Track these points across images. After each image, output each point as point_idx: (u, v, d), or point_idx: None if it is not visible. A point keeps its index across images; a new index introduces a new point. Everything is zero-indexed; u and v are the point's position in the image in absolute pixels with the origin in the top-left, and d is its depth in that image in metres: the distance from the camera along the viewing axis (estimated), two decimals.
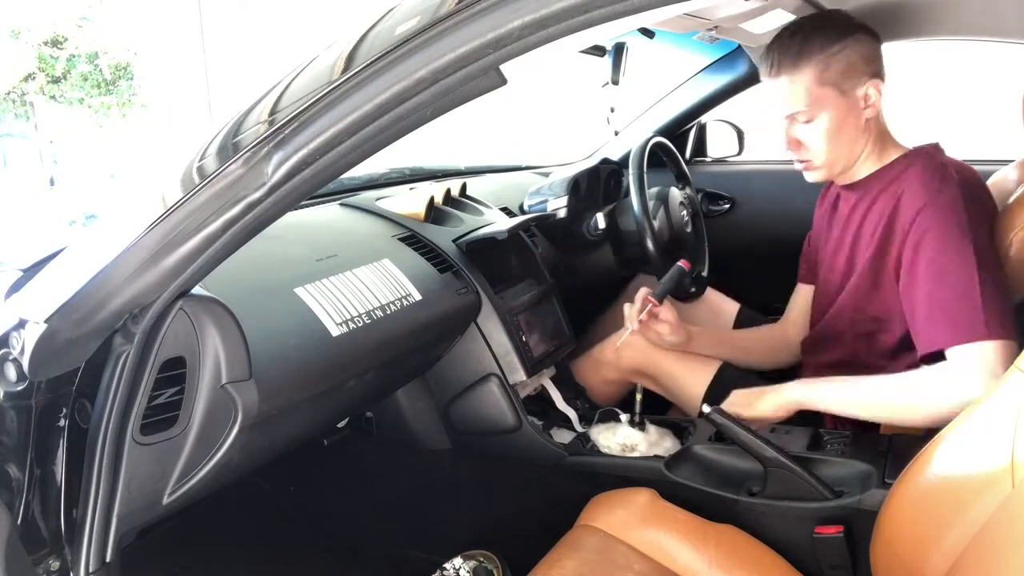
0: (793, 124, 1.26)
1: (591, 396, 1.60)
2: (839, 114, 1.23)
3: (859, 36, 1.21)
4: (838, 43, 1.20)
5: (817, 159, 1.27)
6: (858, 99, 1.23)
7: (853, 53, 1.21)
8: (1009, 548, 0.68)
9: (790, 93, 1.23)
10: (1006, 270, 1.18)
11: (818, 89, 1.21)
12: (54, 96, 8.85)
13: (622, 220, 1.76)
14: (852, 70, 1.21)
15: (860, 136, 1.26)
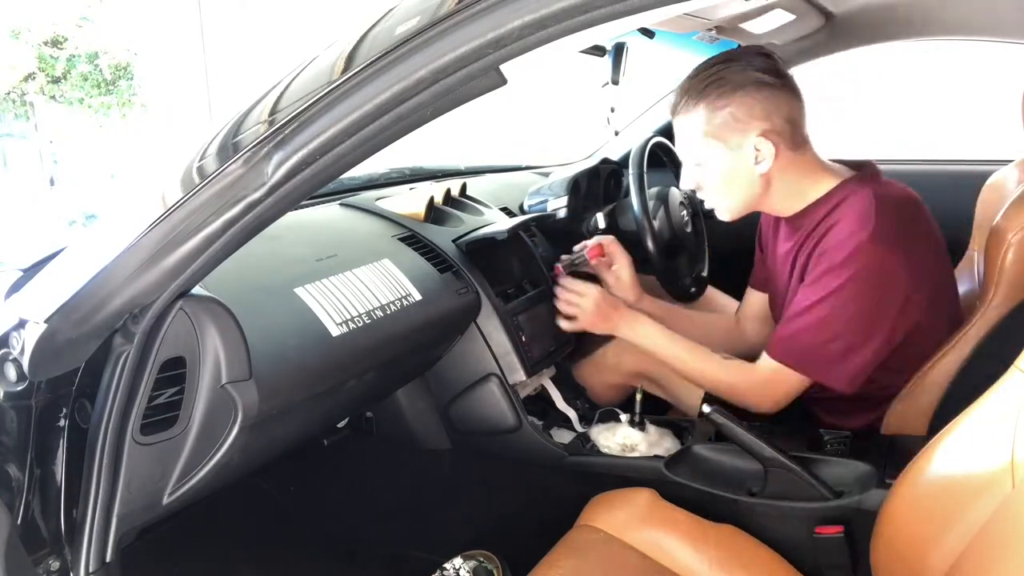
0: (690, 166, 1.29)
1: (591, 397, 1.60)
2: (726, 166, 1.24)
3: (750, 92, 1.19)
4: (725, 98, 1.19)
5: (715, 203, 1.31)
6: (746, 154, 1.22)
7: (740, 108, 1.19)
8: (1009, 548, 0.68)
9: (682, 137, 1.27)
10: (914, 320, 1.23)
11: (702, 139, 1.23)
12: (54, 96, 8.85)
13: (622, 220, 1.76)
14: (737, 125, 1.20)
15: (757, 186, 1.25)
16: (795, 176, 1.26)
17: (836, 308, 1.19)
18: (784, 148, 1.22)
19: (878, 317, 1.20)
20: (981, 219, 1.54)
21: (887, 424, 1.31)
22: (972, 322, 1.23)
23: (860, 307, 1.18)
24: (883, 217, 1.17)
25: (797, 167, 1.26)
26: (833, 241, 1.20)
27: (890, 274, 1.18)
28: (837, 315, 1.19)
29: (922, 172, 2.08)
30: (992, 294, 1.22)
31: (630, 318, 1.42)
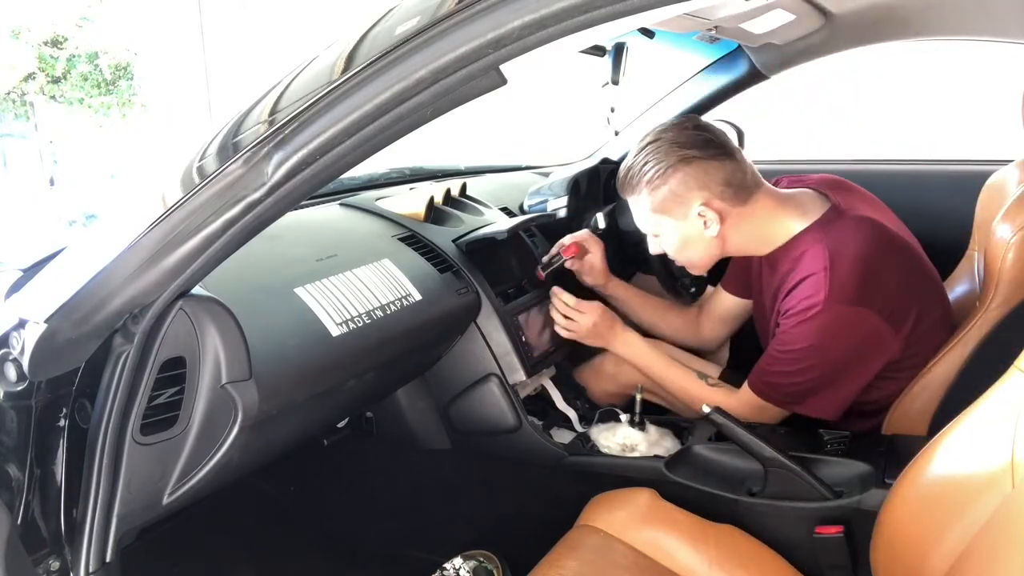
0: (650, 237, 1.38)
1: (591, 398, 1.60)
2: (679, 235, 1.32)
3: (681, 169, 1.26)
4: (661, 177, 1.27)
5: (682, 262, 1.39)
6: (693, 222, 1.29)
7: (677, 183, 1.27)
8: (1009, 548, 0.68)
9: (635, 214, 1.36)
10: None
11: (650, 216, 1.32)
12: (54, 96, 8.85)
13: (622, 220, 1.76)
14: (677, 199, 1.28)
15: (712, 247, 1.32)
16: (752, 225, 1.31)
17: (806, 356, 1.24)
18: (730, 206, 1.28)
19: (851, 363, 1.25)
20: (981, 219, 1.54)
21: (887, 424, 1.31)
22: (972, 322, 1.23)
23: (830, 359, 1.23)
24: (837, 274, 1.20)
25: (751, 217, 1.31)
26: (794, 302, 1.24)
27: (853, 326, 1.22)
28: (809, 363, 1.24)
29: (922, 172, 2.08)
30: (992, 294, 1.22)
31: (625, 337, 1.47)
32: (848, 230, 1.27)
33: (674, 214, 1.29)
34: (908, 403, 1.28)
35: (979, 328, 1.23)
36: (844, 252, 1.23)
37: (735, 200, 1.28)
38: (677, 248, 1.35)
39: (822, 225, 1.28)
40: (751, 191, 1.30)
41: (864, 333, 1.23)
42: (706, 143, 1.29)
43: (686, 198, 1.27)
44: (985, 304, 1.23)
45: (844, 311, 1.21)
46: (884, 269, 1.25)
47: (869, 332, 1.22)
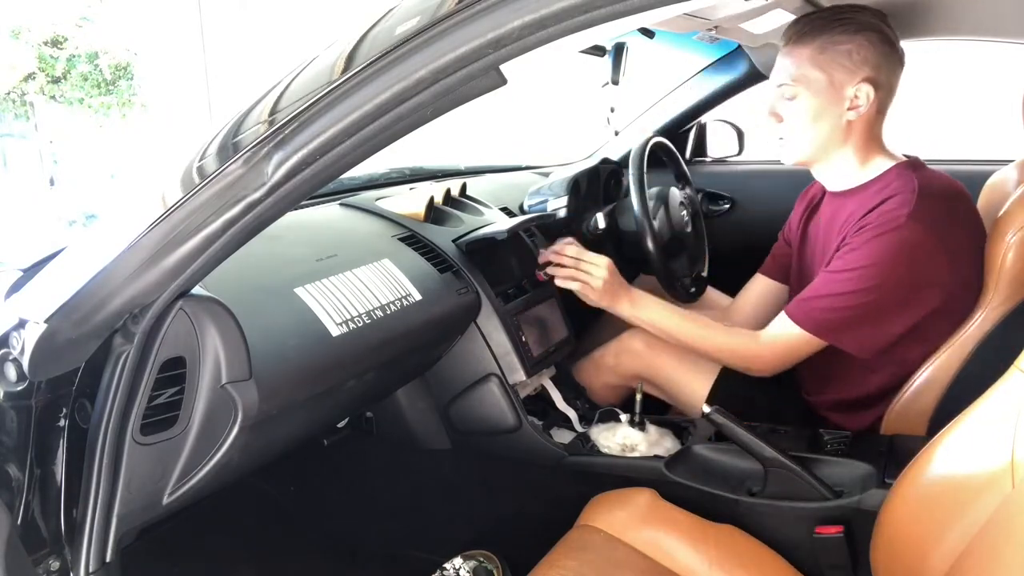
0: (778, 97, 1.29)
1: (591, 397, 1.60)
2: (820, 102, 1.24)
3: (872, 39, 1.21)
4: (846, 35, 1.21)
5: (789, 138, 1.30)
6: (844, 96, 1.23)
7: (856, 50, 1.21)
8: (1009, 548, 0.68)
9: (785, 64, 1.27)
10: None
11: (808, 69, 1.23)
12: (54, 96, 8.85)
13: (622, 220, 1.76)
14: (848, 64, 1.21)
15: (838, 134, 1.26)
16: (866, 141, 1.28)
17: (869, 276, 1.19)
18: (875, 105, 1.24)
19: (906, 293, 1.21)
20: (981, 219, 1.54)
21: (887, 424, 1.31)
22: (972, 322, 1.24)
23: (890, 282, 1.19)
24: (924, 200, 1.19)
25: (872, 133, 1.28)
26: (874, 216, 1.21)
27: (925, 253, 1.19)
28: (868, 283, 1.20)
29: None
30: (992, 294, 1.22)
31: (635, 296, 1.40)
32: (935, 175, 1.27)
33: (832, 78, 1.22)
34: (908, 403, 1.28)
35: (979, 328, 1.23)
36: (933, 185, 1.22)
37: (882, 104, 1.25)
38: (805, 117, 1.25)
39: (908, 166, 1.27)
40: (885, 113, 1.28)
41: (931, 267, 1.20)
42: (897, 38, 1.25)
43: (856, 70, 1.21)
44: (985, 304, 1.23)
45: (923, 233, 1.17)
46: (962, 218, 1.25)
47: (935, 267, 1.20)
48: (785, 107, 1.28)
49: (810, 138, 1.28)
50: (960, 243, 1.23)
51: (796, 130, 1.28)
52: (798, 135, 1.28)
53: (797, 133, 1.28)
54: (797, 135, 1.29)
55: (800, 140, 1.29)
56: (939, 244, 1.19)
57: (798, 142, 1.29)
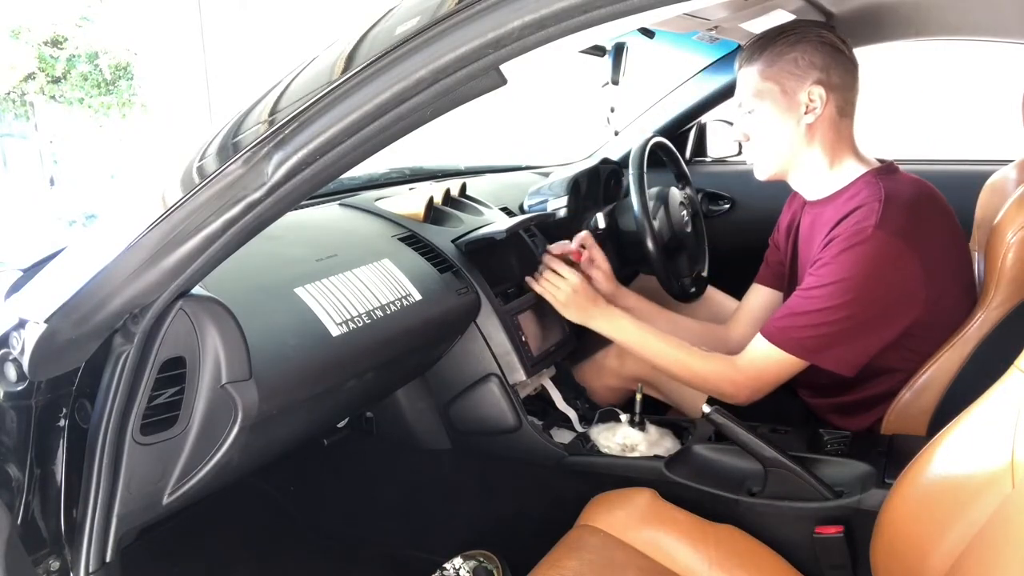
0: (742, 117, 1.33)
1: (592, 397, 1.60)
2: (777, 111, 1.28)
3: (817, 43, 1.25)
4: (789, 45, 1.26)
5: (757, 153, 1.34)
6: (798, 101, 1.26)
7: (801, 56, 1.25)
8: (1009, 548, 0.68)
9: (742, 84, 1.32)
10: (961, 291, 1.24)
11: (760, 83, 1.28)
12: (54, 96, 8.85)
13: (622, 220, 1.76)
14: (796, 71, 1.25)
15: (800, 139, 1.28)
16: (833, 144, 1.29)
17: (842, 291, 1.19)
18: (832, 104, 1.26)
19: (883, 306, 1.20)
20: (981, 219, 1.54)
21: (887, 424, 1.31)
22: (972, 322, 1.24)
23: (865, 296, 1.19)
24: (889, 208, 1.19)
25: (837, 135, 1.29)
26: (841, 229, 1.21)
27: (895, 262, 1.18)
28: (843, 299, 1.19)
29: (922, 172, 2.06)
30: (992, 294, 1.22)
31: (608, 312, 1.41)
32: (906, 181, 1.28)
33: (784, 86, 1.26)
34: (908, 403, 1.28)
35: (979, 328, 1.23)
36: (900, 193, 1.22)
37: (840, 105, 1.27)
38: (766, 129, 1.30)
39: (879, 172, 1.28)
40: (849, 113, 1.29)
41: (903, 276, 1.19)
42: (843, 41, 1.28)
43: (805, 73, 1.25)
44: (985, 304, 1.23)
45: (891, 242, 1.17)
46: (933, 223, 1.24)
47: (907, 276, 1.19)
48: (748, 124, 1.32)
49: (774, 148, 1.31)
50: (933, 249, 1.22)
51: (761, 143, 1.32)
52: (763, 148, 1.32)
53: (762, 146, 1.32)
54: (762, 148, 1.33)
55: (766, 152, 1.33)
56: (909, 252, 1.18)
57: (765, 154, 1.33)
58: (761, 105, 1.29)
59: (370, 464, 1.59)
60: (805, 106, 1.26)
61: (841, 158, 1.30)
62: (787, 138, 1.29)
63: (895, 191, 1.22)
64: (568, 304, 1.42)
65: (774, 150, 1.32)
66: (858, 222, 1.19)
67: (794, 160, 1.32)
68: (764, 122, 1.30)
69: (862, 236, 1.18)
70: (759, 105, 1.30)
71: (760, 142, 1.32)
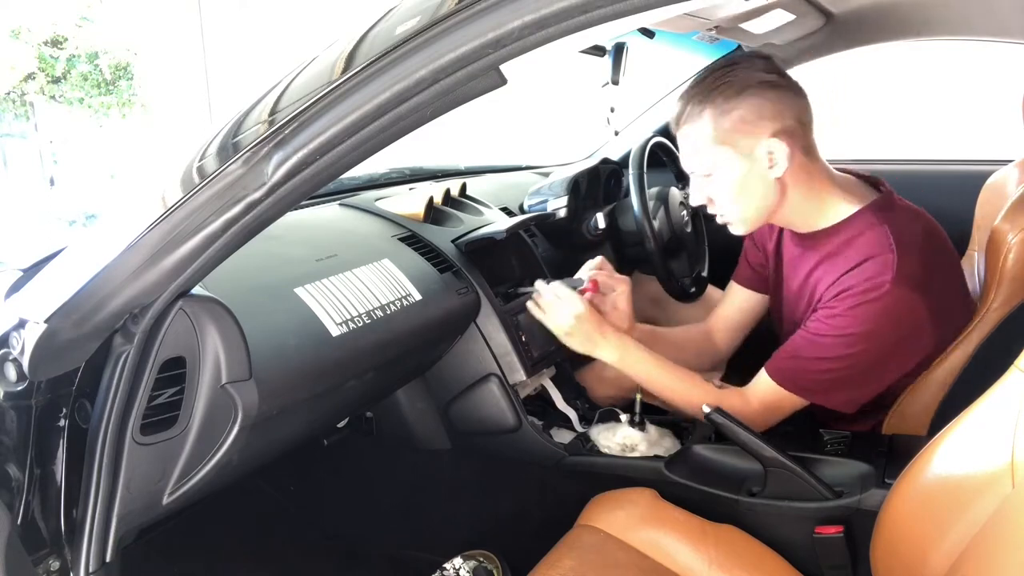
0: (698, 180, 1.23)
1: (592, 398, 1.60)
2: (738, 173, 1.18)
3: (758, 92, 1.15)
4: (731, 101, 1.15)
5: (729, 215, 1.24)
6: (758, 158, 1.16)
7: (749, 110, 1.14)
8: (1009, 548, 0.68)
9: (688, 147, 1.21)
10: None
11: (711, 148, 1.17)
12: (54, 96, 8.85)
13: (622, 220, 1.76)
14: (747, 128, 1.15)
15: (772, 193, 1.19)
16: (809, 187, 1.21)
17: (856, 341, 1.16)
18: (798, 150, 1.18)
19: (893, 355, 1.19)
20: (981, 219, 1.54)
21: (887, 424, 1.31)
22: (973, 322, 1.23)
23: (876, 348, 1.17)
24: (904, 258, 1.14)
25: (811, 177, 1.21)
26: (855, 280, 1.15)
27: (911, 316, 1.16)
28: (855, 348, 1.16)
29: (922, 172, 2.08)
30: (993, 295, 1.22)
31: (616, 342, 1.31)
32: (908, 218, 1.21)
33: (738, 146, 1.15)
34: (908, 403, 1.28)
35: (979, 328, 1.23)
36: (910, 238, 1.16)
37: (804, 145, 1.18)
38: (732, 192, 1.19)
39: (877, 209, 1.20)
40: (815, 148, 1.20)
41: (916, 324, 1.16)
42: (782, 73, 1.18)
43: (757, 127, 1.14)
44: (985, 304, 1.23)
45: (908, 296, 1.13)
46: (941, 263, 1.22)
47: (919, 324, 1.17)
48: (708, 188, 1.22)
49: (746, 208, 1.22)
50: (943, 291, 1.21)
51: (730, 206, 1.22)
52: (733, 210, 1.23)
53: (731, 209, 1.22)
54: (732, 210, 1.23)
55: (738, 213, 1.23)
56: (923, 302, 1.16)
57: (737, 215, 1.23)
58: (718, 170, 1.19)
59: (370, 464, 1.59)
60: (768, 160, 1.16)
61: (823, 197, 1.22)
62: (758, 196, 1.20)
63: (904, 235, 1.16)
64: (573, 333, 1.31)
65: (745, 210, 1.22)
66: (873, 276, 1.13)
67: (772, 213, 1.23)
68: (726, 187, 1.20)
69: (879, 292, 1.13)
70: (716, 170, 1.19)
71: (729, 205, 1.22)
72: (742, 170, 1.17)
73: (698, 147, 1.19)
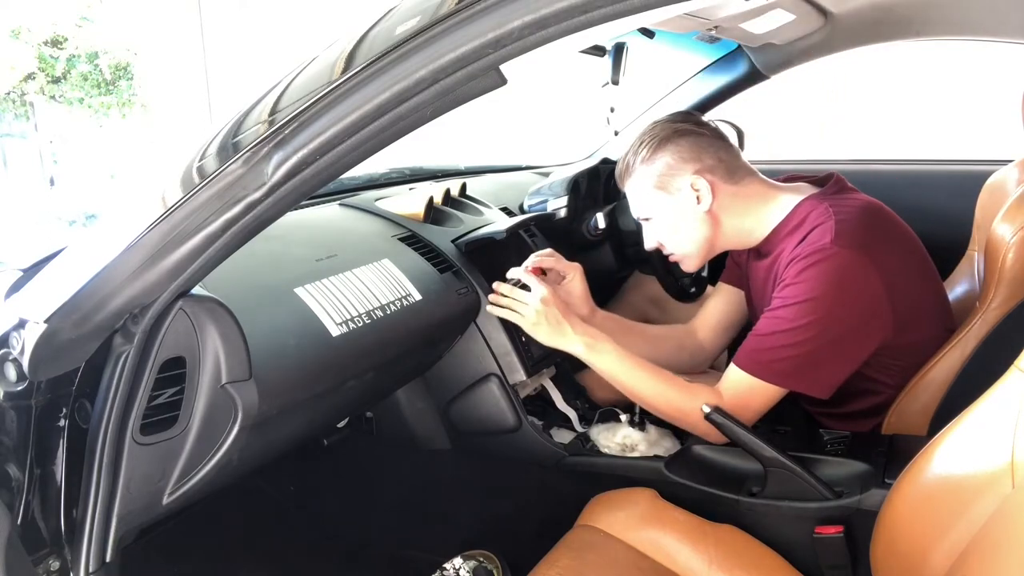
0: (646, 228, 1.37)
1: (592, 398, 1.60)
2: (671, 212, 1.31)
3: (673, 143, 1.29)
4: (657, 151, 1.29)
5: (676, 252, 1.36)
6: (684, 197, 1.29)
7: (672, 156, 1.29)
8: (1009, 548, 0.68)
9: (633, 198, 1.36)
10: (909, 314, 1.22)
11: (645, 195, 1.33)
12: (54, 96, 8.86)
13: (622, 220, 1.76)
14: (671, 171, 1.29)
15: (706, 224, 1.31)
16: (743, 206, 1.31)
17: (803, 313, 1.16)
18: (721, 182, 1.29)
19: (851, 327, 1.18)
20: (981, 219, 1.54)
21: (887, 424, 1.31)
22: (972, 322, 1.24)
23: (831, 315, 1.16)
24: (842, 224, 1.18)
25: (743, 198, 1.30)
26: (803, 249, 1.19)
27: (859, 279, 1.17)
28: (810, 318, 1.16)
29: (922, 172, 2.08)
30: (992, 294, 1.22)
31: (583, 332, 1.27)
32: (851, 198, 1.27)
33: (668, 189, 1.29)
34: (908, 403, 1.28)
35: (979, 328, 1.23)
36: (849, 209, 1.22)
37: (727, 176, 1.29)
38: (669, 230, 1.33)
39: (819, 194, 1.27)
40: (743, 173, 1.31)
41: (868, 292, 1.17)
42: (699, 124, 1.33)
43: (679, 169, 1.28)
44: (985, 304, 1.23)
45: (852, 256, 1.16)
46: (886, 241, 1.23)
47: (872, 294, 1.17)
48: (653, 231, 1.36)
49: (687, 242, 1.33)
50: (889, 258, 1.20)
51: (673, 245, 1.35)
52: (677, 247, 1.35)
53: (676, 246, 1.35)
54: (677, 248, 1.35)
55: (683, 250, 1.35)
56: (868, 263, 1.17)
57: (683, 252, 1.35)
58: (656, 212, 1.33)
59: (370, 464, 1.59)
60: (695, 198, 1.28)
61: (761, 209, 1.30)
62: (694, 229, 1.31)
63: (844, 207, 1.22)
64: (538, 323, 1.27)
65: (688, 246, 1.34)
66: (816, 240, 1.19)
67: (715, 242, 1.33)
68: (664, 228, 1.34)
69: (823, 254, 1.16)
70: (654, 213, 1.33)
71: (671, 244, 1.35)
72: (674, 209, 1.31)
73: (638, 196, 1.34)
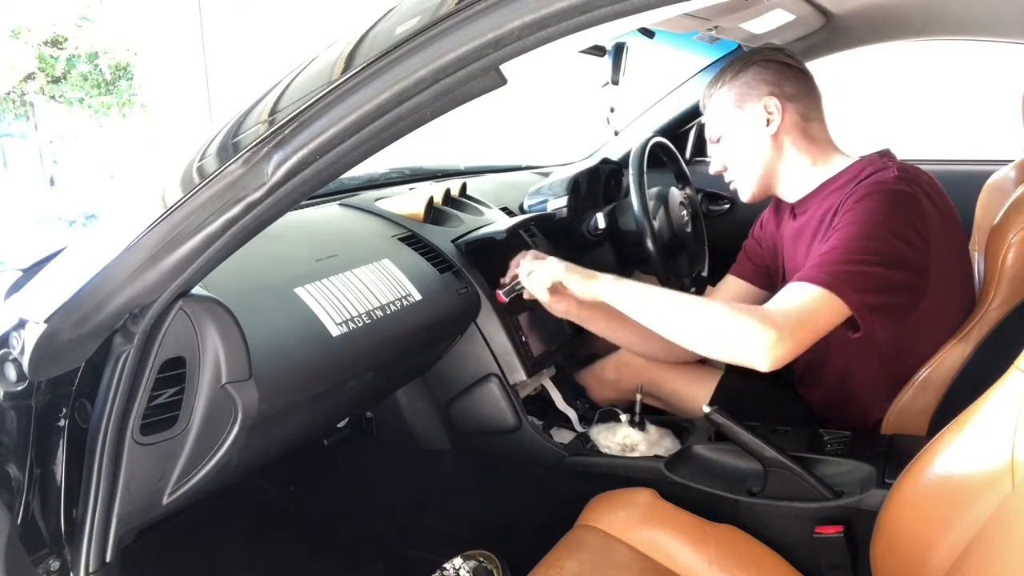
0: (715, 149, 1.38)
1: (592, 398, 1.60)
2: (740, 130, 1.33)
3: (762, 65, 1.31)
4: (740, 71, 1.32)
5: (735, 176, 1.37)
6: (756, 116, 1.30)
7: (751, 78, 1.31)
8: (1009, 548, 0.68)
9: (709, 118, 1.38)
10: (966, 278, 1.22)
11: (721, 110, 1.34)
12: (54, 96, 8.85)
13: (622, 220, 1.76)
14: (749, 91, 1.31)
15: (770, 150, 1.31)
16: (807, 146, 1.31)
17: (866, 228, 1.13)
18: (792, 111, 1.29)
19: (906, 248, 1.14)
20: (981, 220, 1.54)
21: (887, 424, 1.31)
22: (972, 322, 1.24)
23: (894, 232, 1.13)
24: (905, 170, 1.21)
25: (809, 138, 1.31)
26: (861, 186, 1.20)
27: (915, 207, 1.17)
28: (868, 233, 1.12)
29: None
30: (992, 294, 1.22)
31: (608, 276, 1.22)
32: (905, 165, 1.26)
33: (743, 107, 1.31)
34: (908, 403, 1.28)
35: (979, 328, 1.23)
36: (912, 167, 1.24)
37: (802, 112, 1.30)
38: (736, 151, 1.34)
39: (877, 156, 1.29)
40: (817, 117, 1.33)
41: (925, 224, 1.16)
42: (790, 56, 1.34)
43: (757, 89, 1.30)
44: (985, 304, 1.23)
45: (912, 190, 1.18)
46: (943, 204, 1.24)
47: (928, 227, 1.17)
48: (720, 153, 1.37)
49: (749, 166, 1.34)
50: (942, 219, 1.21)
51: (736, 166, 1.36)
52: (740, 169, 1.36)
53: (738, 168, 1.36)
54: (739, 170, 1.36)
55: (743, 172, 1.35)
56: (928, 202, 1.19)
57: (743, 175, 1.36)
58: (727, 130, 1.34)
59: (370, 464, 1.59)
60: (766, 119, 1.29)
61: (824, 154, 1.32)
62: (758, 153, 1.32)
63: (905, 165, 1.24)
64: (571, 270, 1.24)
65: (749, 168, 1.34)
66: (878, 176, 1.20)
67: (773, 172, 1.33)
68: (733, 145, 1.34)
69: (886, 185, 1.18)
70: (725, 131, 1.34)
71: (735, 165, 1.36)
72: (744, 129, 1.32)
73: (715, 116, 1.36)
